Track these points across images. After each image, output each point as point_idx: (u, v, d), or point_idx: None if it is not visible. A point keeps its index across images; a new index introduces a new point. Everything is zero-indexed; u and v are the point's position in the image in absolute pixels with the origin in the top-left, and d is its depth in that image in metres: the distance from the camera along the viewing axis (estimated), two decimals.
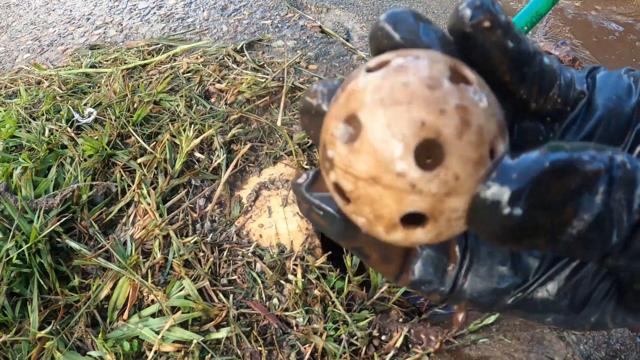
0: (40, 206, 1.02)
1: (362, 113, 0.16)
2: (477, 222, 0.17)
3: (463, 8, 0.19)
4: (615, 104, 0.21)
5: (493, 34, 0.19)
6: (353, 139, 0.17)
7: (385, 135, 0.16)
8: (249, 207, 1.09)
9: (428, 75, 0.16)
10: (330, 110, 0.18)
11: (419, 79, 0.16)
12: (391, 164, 0.16)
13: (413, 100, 0.16)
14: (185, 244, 1.00)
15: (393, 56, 0.17)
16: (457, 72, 0.17)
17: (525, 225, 0.16)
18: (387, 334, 0.90)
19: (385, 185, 0.16)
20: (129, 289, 0.94)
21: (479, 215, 0.16)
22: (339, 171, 0.17)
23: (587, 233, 0.16)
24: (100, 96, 1.35)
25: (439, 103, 0.16)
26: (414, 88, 0.16)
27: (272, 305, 0.93)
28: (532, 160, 0.16)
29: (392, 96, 0.16)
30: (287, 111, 1.32)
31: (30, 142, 1.21)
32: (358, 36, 1.75)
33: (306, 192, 0.22)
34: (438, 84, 0.16)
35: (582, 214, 0.16)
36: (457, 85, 0.16)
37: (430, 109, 0.16)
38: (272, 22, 1.75)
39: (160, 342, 0.86)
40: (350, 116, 0.17)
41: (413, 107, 0.16)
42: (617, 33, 2.28)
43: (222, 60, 1.49)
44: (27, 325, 0.89)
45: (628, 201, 0.16)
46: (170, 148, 1.18)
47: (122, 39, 1.74)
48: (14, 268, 0.93)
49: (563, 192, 0.16)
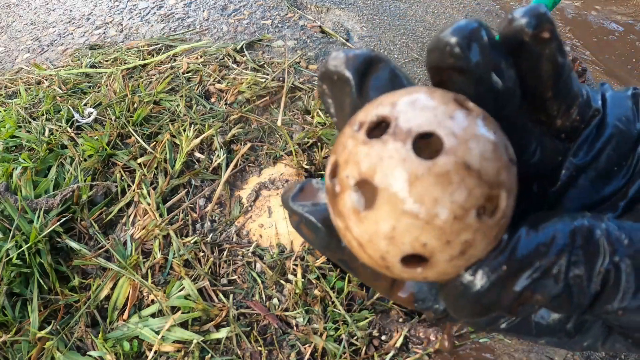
0: (40, 206, 1.02)
1: (376, 182, 0.16)
2: (446, 298, 0.19)
3: (522, 15, 0.18)
4: (625, 125, 0.22)
5: (549, 47, 0.18)
6: (363, 207, 0.17)
7: (387, 234, 0.16)
8: (249, 207, 1.09)
9: (455, 202, 0.16)
10: (343, 149, 0.17)
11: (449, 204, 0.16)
12: (382, 262, 0.17)
13: (428, 221, 0.16)
14: (185, 244, 1.00)
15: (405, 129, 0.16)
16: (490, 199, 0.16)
17: (487, 307, 0.18)
18: (387, 334, 0.90)
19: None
20: (129, 289, 0.94)
21: (450, 294, 0.18)
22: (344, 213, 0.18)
23: (546, 306, 0.18)
24: (100, 96, 1.35)
25: (450, 235, 0.16)
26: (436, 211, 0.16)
27: (272, 305, 0.93)
28: (497, 264, 0.17)
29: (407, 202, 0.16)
30: (287, 111, 1.32)
31: (30, 142, 1.21)
32: (358, 36, 1.75)
33: (291, 202, 0.21)
34: (464, 217, 0.16)
35: (539, 295, 0.17)
36: (480, 219, 0.16)
37: (439, 238, 0.16)
38: (272, 22, 1.75)
39: (160, 342, 0.86)
40: (362, 182, 0.17)
41: (424, 230, 0.16)
42: (617, 33, 2.27)
43: (222, 60, 1.49)
44: (27, 325, 0.89)
45: (589, 277, 0.17)
46: (170, 148, 1.18)
47: (122, 39, 1.74)
48: (14, 268, 0.93)
49: (521, 285, 0.17)
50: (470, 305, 0.18)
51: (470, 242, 0.16)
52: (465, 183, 0.15)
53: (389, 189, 0.16)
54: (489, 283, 0.17)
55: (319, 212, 0.20)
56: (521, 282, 0.17)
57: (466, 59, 0.17)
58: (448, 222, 0.15)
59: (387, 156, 0.16)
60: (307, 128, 1.24)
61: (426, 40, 1.83)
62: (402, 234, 0.16)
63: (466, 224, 0.16)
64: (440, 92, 0.17)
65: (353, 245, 0.17)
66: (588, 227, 0.17)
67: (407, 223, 0.16)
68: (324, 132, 1.21)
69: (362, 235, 0.17)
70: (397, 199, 0.16)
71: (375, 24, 1.85)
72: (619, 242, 0.17)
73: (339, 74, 0.20)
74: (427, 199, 0.15)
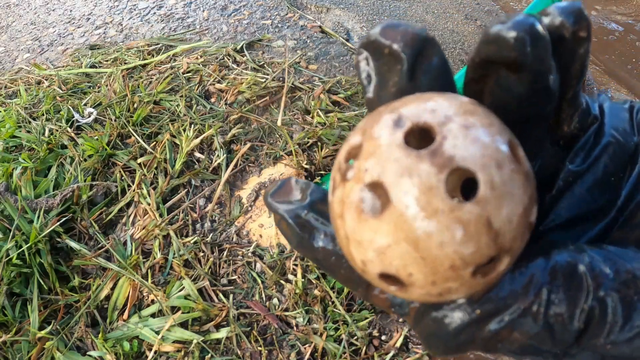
0: (40, 206, 1.02)
1: (392, 195, 0.15)
2: (419, 333, 0.18)
3: (562, 11, 0.17)
4: (622, 135, 0.21)
5: (584, 46, 0.18)
6: (369, 210, 0.16)
7: (379, 249, 0.15)
8: (249, 207, 1.09)
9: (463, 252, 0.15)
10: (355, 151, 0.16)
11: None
12: (360, 265, 0.16)
13: (429, 260, 0.15)
14: (185, 244, 1.00)
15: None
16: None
17: (461, 346, 0.17)
18: (387, 334, 0.90)
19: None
20: (129, 289, 0.94)
21: (423, 330, 0.18)
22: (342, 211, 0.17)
23: (526, 346, 0.17)
24: (100, 96, 1.35)
25: (438, 279, 0.15)
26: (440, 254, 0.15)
27: (272, 305, 0.93)
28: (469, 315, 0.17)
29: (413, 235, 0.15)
30: (287, 111, 1.32)
31: (30, 142, 1.21)
32: (358, 36, 1.75)
33: (269, 198, 0.21)
34: (460, 269, 0.15)
35: (517, 334, 0.17)
36: (474, 276, 0.15)
37: (426, 276, 0.15)
38: (272, 22, 1.75)
39: (160, 342, 0.86)
40: (378, 184, 0.15)
41: (424, 267, 0.15)
42: (617, 33, 2.28)
43: (222, 60, 1.49)
44: (27, 325, 0.89)
45: (571, 315, 0.16)
46: (170, 148, 1.18)
47: (122, 39, 1.74)
48: (14, 268, 0.93)
49: (498, 325, 0.17)
50: (443, 344, 0.17)
51: (453, 290, 0.16)
52: (479, 239, 0.14)
53: (403, 209, 0.15)
54: (462, 324, 0.17)
55: (292, 210, 0.20)
56: (497, 322, 0.16)
57: (529, 54, 0.16)
58: (443, 266, 0.15)
59: (416, 174, 0.14)
60: (307, 128, 1.24)
61: None
62: (394, 255, 0.15)
63: (458, 275, 0.15)
64: (498, 127, 0.16)
65: (340, 234, 0.17)
66: (569, 262, 0.17)
67: (404, 249, 0.15)
68: (324, 132, 1.21)
69: (354, 233, 0.16)
70: (405, 222, 0.15)
71: (375, 24, 1.85)
72: (604, 275, 0.16)
73: (391, 49, 0.17)
74: (434, 237, 0.14)
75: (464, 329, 0.17)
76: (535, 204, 0.16)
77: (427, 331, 0.18)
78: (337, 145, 1.21)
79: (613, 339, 0.16)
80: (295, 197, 0.21)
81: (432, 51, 0.18)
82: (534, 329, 0.16)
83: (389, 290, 0.17)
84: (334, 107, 1.33)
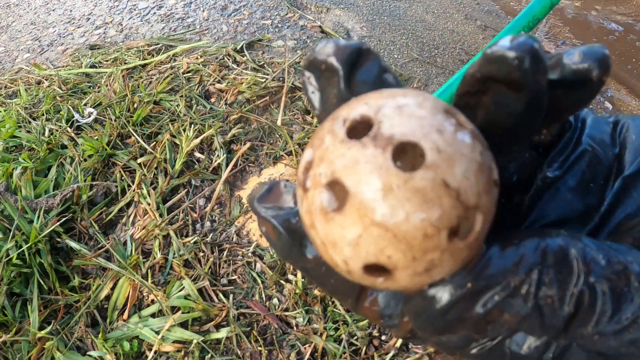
0: (40, 206, 1.02)
1: (348, 186, 0.15)
2: (409, 313, 0.18)
3: (592, 56, 0.18)
4: (600, 145, 0.22)
5: (599, 86, 0.18)
6: (332, 209, 0.16)
7: (352, 241, 0.15)
8: (249, 207, 1.09)
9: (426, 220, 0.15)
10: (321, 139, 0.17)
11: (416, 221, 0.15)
12: (344, 266, 0.16)
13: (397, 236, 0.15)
14: (185, 244, 1.00)
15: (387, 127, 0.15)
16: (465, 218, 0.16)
17: (451, 324, 0.17)
18: (387, 334, 0.90)
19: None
20: (129, 289, 0.94)
21: (412, 309, 0.18)
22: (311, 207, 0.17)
23: (516, 327, 0.17)
24: (100, 96, 1.35)
25: (417, 252, 0.15)
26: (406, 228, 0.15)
27: (272, 305, 0.93)
28: (458, 281, 0.17)
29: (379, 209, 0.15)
30: (287, 111, 1.32)
31: (30, 142, 1.21)
32: (358, 36, 1.75)
33: (256, 203, 0.20)
34: (434, 236, 0.15)
35: (507, 315, 0.17)
36: (451, 240, 0.15)
37: (405, 254, 0.15)
38: (272, 22, 1.75)
39: (160, 342, 0.86)
40: (334, 182, 0.16)
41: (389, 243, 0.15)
42: (617, 33, 2.28)
43: (222, 60, 1.49)
44: (27, 325, 0.89)
45: (561, 297, 0.16)
46: (170, 148, 1.18)
47: (122, 39, 1.74)
48: (14, 268, 0.93)
49: (488, 303, 0.17)
50: (433, 322, 0.17)
51: (437, 261, 0.15)
52: (441, 202, 0.15)
53: (361, 195, 0.15)
54: (452, 300, 0.17)
55: (282, 216, 0.20)
56: (487, 300, 0.16)
57: (530, 76, 0.17)
58: (417, 239, 0.15)
59: (363, 161, 0.15)
60: (307, 128, 1.24)
61: (426, 40, 1.83)
62: (368, 243, 0.15)
63: (435, 243, 0.15)
64: (432, 100, 0.16)
65: (317, 243, 0.17)
66: (561, 245, 0.17)
67: (375, 233, 0.15)
68: None
69: (327, 236, 0.16)
70: (367, 208, 0.15)
71: (375, 24, 1.85)
72: (596, 262, 0.17)
73: (327, 63, 0.19)
74: (399, 212, 0.15)
75: (452, 305, 0.17)
76: (493, 162, 0.16)
77: (415, 310, 0.18)
78: None
79: (601, 329, 0.17)
80: (286, 202, 0.20)
81: (369, 60, 0.19)
82: (524, 309, 0.16)
83: (378, 286, 0.17)
84: None
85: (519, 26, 0.95)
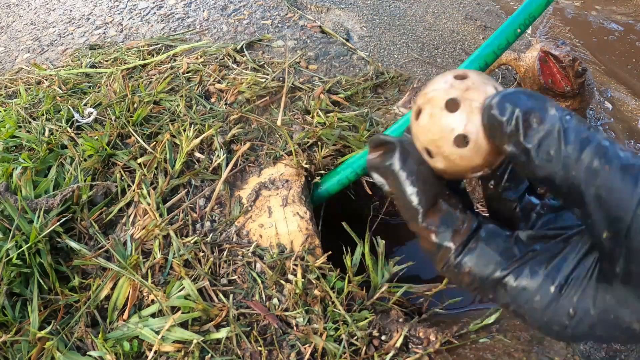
0: (40, 206, 1.02)
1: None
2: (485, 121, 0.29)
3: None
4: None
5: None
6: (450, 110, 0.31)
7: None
8: (249, 207, 1.09)
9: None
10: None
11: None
12: (441, 150, 0.32)
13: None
14: (185, 244, 1.00)
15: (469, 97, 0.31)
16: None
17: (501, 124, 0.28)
18: (387, 334, 0.90)
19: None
20: (129, 289, 0.94)
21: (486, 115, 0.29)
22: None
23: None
24: (100, 96, 1.35)
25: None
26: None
27: (272, 305, 0.93)
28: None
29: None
30: (287, 111, 1.32)
31: (30, 142, 1.21)
32: (358, 36, 1.75)
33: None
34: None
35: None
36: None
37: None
38: (272, 22, 1.75)
39: (160, 342, 0.86)
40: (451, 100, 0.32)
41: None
42: (617, 33, 2.27)
43: (222, 60, 1.49)
44: (27, 325, 0.89)
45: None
46: (170, 148, 1.18)
47: (122, 39, 1.74)
48: (14, 268, 0.93)
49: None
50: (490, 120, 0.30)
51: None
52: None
53: (472, 103, 0.30)
54: None
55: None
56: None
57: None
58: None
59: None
60: (307, 128, 1.24)
61: (426, 40, 1.83)
62: (467, 124, 0.31)
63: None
64: (491, 81, 0.32)
65: (432, 138, 0.31)
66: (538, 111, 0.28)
67: (468, 119, 0.31)
68: (324, 132, 1.21)
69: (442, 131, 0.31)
70: (472, 106, 0.31)
71: (375, 24, 1.85)
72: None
73: (394, 175, 0.34)
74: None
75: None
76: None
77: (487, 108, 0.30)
78: (337, 145, 1.21)
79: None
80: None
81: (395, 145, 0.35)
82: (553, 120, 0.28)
83: (461, 153, 0.30)
84: (334, 107, 1.33)
85: (515, 24, 0.95)
